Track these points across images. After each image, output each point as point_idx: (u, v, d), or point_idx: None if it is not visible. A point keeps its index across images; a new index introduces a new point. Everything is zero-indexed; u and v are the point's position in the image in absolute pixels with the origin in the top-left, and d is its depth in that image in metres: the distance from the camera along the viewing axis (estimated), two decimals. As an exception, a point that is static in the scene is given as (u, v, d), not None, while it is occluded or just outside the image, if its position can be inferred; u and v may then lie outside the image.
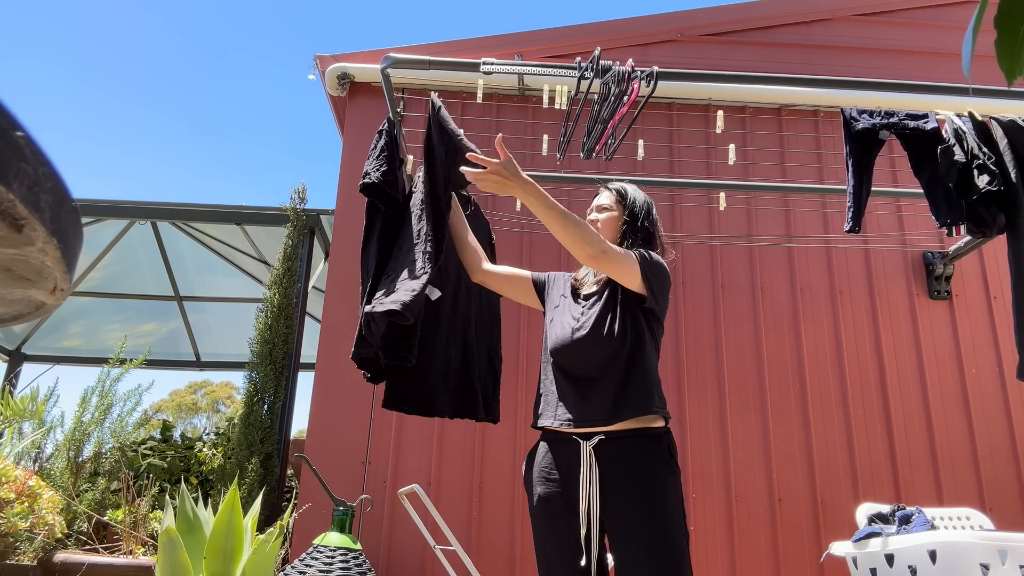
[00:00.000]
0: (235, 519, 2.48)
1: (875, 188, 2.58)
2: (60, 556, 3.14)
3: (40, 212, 0.33)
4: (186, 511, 2.64)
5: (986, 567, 1.93)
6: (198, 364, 7.27)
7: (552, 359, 1.82)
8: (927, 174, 2.43)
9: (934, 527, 2.32)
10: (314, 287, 5.59)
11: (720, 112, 2.99)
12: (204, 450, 4.30)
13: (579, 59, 2.63)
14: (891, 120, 2.47)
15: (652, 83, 2.49)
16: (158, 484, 3.87)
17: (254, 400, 3.88)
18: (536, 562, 1.73)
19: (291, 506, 3.20)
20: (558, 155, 3.08)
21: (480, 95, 2.92)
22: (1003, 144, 2.35)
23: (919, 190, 2.50)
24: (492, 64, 2.61)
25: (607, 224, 1.96)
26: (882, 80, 2.86)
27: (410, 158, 2.61)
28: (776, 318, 3.64)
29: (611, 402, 1.68)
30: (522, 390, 3.45)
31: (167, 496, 2.95)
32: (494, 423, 2.50)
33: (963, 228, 2.43)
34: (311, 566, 2.43)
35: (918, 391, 3.57)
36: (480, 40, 3.94)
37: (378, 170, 2.28)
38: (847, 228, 2.45)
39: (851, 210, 2.45)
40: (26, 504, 3.08)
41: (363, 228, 2.38)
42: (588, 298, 1.87)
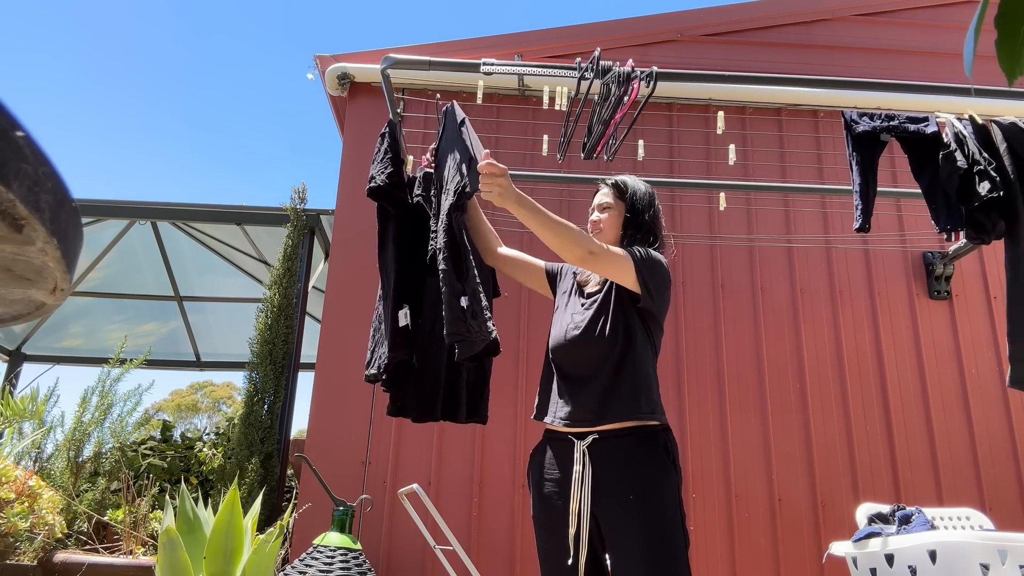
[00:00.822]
0: (235, 519, 2.48)
1: (877, 188, 2.58)
2: (60, 556, 3.14)
3: (40, 212, 0.33)
4: (186, 511, 2.64)
5: (986, 567, 1.93)
6: (198, 364, 7.27)
7: (551, 356, 1.85)
8: (927, 178, 2.43)
9: (934, 527, 2.32)
10: (314, 287, 5.59)
11: (720, 112, 2.99)
12: (204, 450, 4.30)
13: (579, 59, 2.63)
14: (891, 123, 2.47)
15: (652, 83, 2.49)
16: (158, 484, 3.87)
17: (254, 400, 3.88)
18: (538, 561, 1.74)
19: (291, 506, 3.20)
20: (558, 155, 3.08)
21: (480, 95, 2.92)
22: (1003, 148, 2.35)
23: (919, 190, 2.50)
24: (492, 64, 2.61)
25: (609, 223, 1.94)
26: (882, 80, 2.86)
27: (410, 158, 2.61)
28: (776, 318, 3.64)
29: (597, 403, 1.69)
30: (522, 389, 3.45)
31: (167, 496, 2.95)
32: (483, 424, 2.53)
33: (962, 233, 2.43)
34: (311, 566, 2.43)
35: (918, 391, 3.57)
36: (480, 40, 3.94)
37: (383, 173, 2.29)
38: (856, 227, 2.45)
39: (859, 208, 2.45)
40: (26, 504, 3.08)
41: (377, 233, 2.37)
42: (589, 296, 1.88)
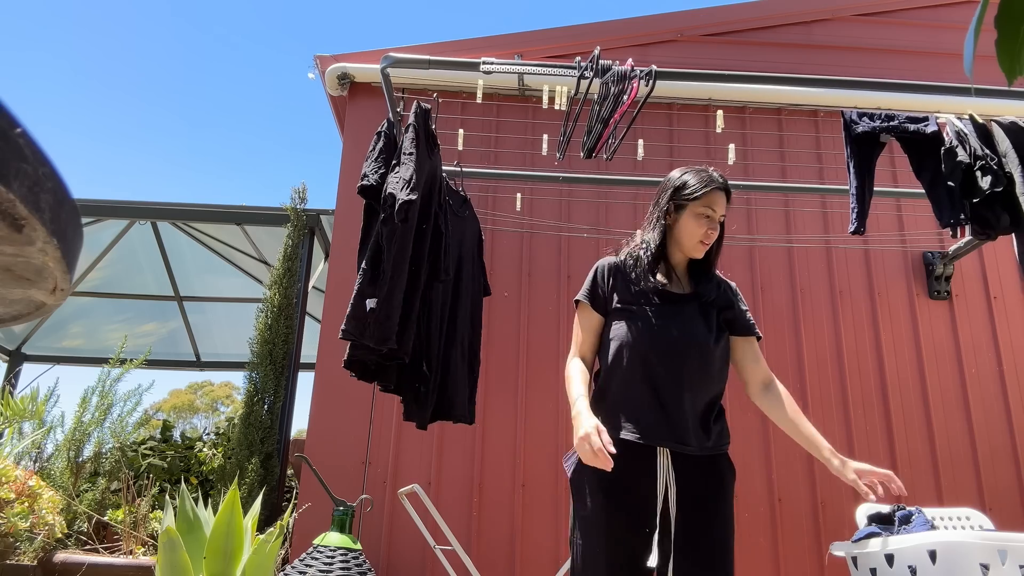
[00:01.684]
0: (235, 519, 2.48)
1: (876, 188, 2.59)
2: (60, 556, 3.14)
3: (40, 212, 0.33)
4: (186, 511, 2.64)
5: (986, 567, 1.93)
6: (198, 364, 7.27)
7: (644, 364, 1.82)
8: (929, 176, 2.43)
9: (934, 527, 2.32)
10: (314, 287, 5.58)
11: (720, 112, 2.99)
12: (204, 450, 4.30)
13: (579, 59, 2.63)
14: (891, 124, 2.48)
15: (651, 83, 2.49)
16: (158, 484, 3.87)
17: (254, 400, 3.88)
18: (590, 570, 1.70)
19: (291, 506, 3.20)
20: (558, 155, 3.08)
21: (480, 95, 2.92)
22: (1004, 146, 2.35)
23: (919, 190, 2.51)
24: (492, 64, 2.61)
25: (713, 238, 1.87)
26: (882, 80, 2.86)
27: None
28: (776, 318, 3.64)
29: (711, 420, 1.83)
30: (521, 390, 3.45)
31: (167, 496, 2.95)
32: (470, 424, 2.57)
33: (967, 229, 2.43)
34: (311, 566, 2.43)
35: (918, 391, 3.56)
36: (480, 40, 3.94)
37: (376, 172, 2.29)
38: (852, 229, 2.45)
39: (855, 211, 2.45)
40: (26, 504, 3.08)
41: (360, 229, 2.38)
42: (685, 301, 1.89)
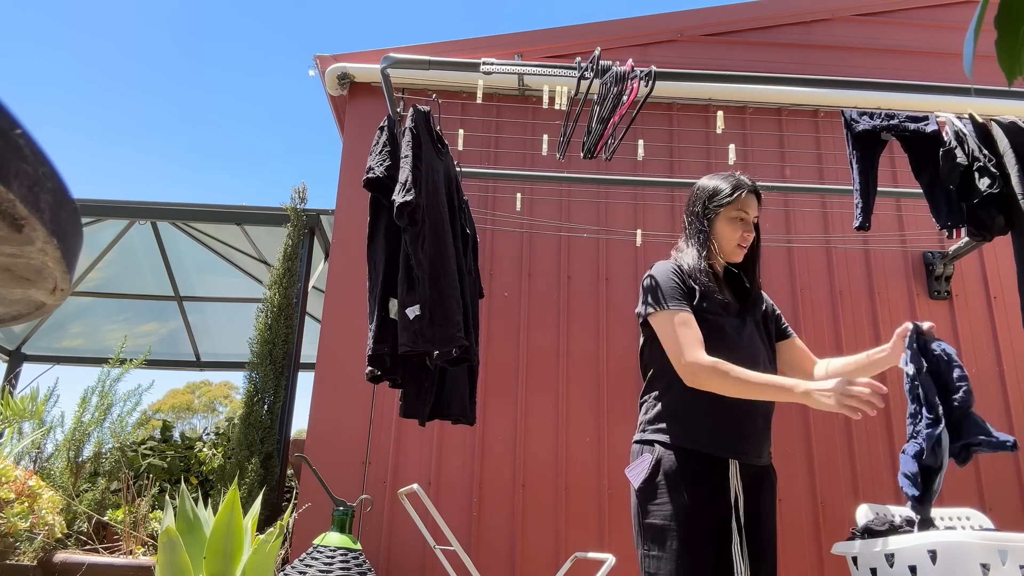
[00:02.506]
0: (235, 519, 2.48)
1: (877, 188, 2.58)
2: (60, 556, 3.14)
3: (40, 212, 0.33)
4: (186, 511, 2.64)
5: (986, 567, 1.93)
6: (198, 364, 7.27)
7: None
8: (928, 176, 2.43)
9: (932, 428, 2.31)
10: (314, 287, 5.58)
11: (720, 112, 2.99)
12: (204, 450, 4.30)
13: (579, 59, 2.63)
14: (891, 122, 2.47)
15: (651, 83, 2.49)
16: (158, 484, 3.87)
17: (254, 400, 3.88)
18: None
19: (291, 506, 3.20)
20: (558, 155, 3.08)
21: (480, 95, 2.92)
22: (1003, 146, 2.35)
23: (919, 190, 2.51)
24: (492, 64, 2.61)
25: (750, 239, 1.88)
26: (882, 80, 2.86)
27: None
28: (776, 318, 3.64)
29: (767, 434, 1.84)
30: (521, 390, 3.45)
31: (167, 496, 2.95)
32: (471, 424, 2.58)
33: (963, 230, 2.43)
34: (311, 566, 2.43)
35: (918, 391, 3.56)
36: (480, 40, 3.94)
37: (382, 164, 2.30)
38: (857, 225, 2.45)
39: (859, 206, 2.45)
40: (26, 504, 3.08)
41: (367, 224, 2.39)
42: (746, 315, 1.91)
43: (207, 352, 7.20)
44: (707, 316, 1.75)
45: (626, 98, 2.54)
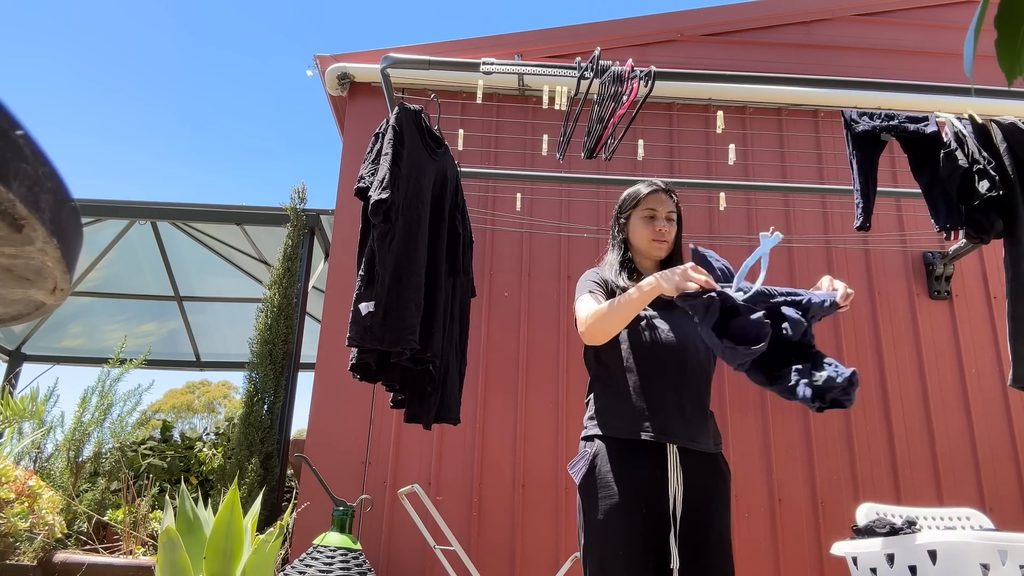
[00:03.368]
0: (235, 519, 2.48)
1: (877, 188, 2.58)
2: (60, 556, 3.14)
3: (40, 212, 0.33)
4: (186, 511, 2.64)
5: (986, 567, 1.93)
6: (198, 364, 7.27)
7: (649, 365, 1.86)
8: (927, 177, 2.43)
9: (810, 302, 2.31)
10: (314, 287, 5.58)
11: (720, 112, 2.99)
12: (204, 450, 4.30)
13: (579, 59, 2.63)
14: (891, 123, 2.47)
15: (650, 83, 2.49)
16: (158, 484, 3.87)
17: (254, 400, 3.88)
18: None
19: (291, 506, 3.20)
20: (558, 155, 3.08)
21: (480, 95, 2.92)
22: (1003, 147, 2.35)
23: (919, 190, 2.51)
24: (492, 64, 2.61)
25: (673, 234, 1.94)
26: (882, 80, 2.86)
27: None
28: (776, 318, 3.64)
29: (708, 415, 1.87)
30: (521, 390, 3.45)
31: (167, 496, 2.95)
32: (455, 424, 2.58)
33: (961, 232, 2.43)
34: (311, 566, 2.43)
35: (918, 391, 3.57)
36: (480, 40, 3.94)
37: (373, 172, 2.29)
38: (857, 225, 2.45)
39: (860, 207, 2.45)
40: (26, 504, 3.08)
41: (359, 230, 2.39)
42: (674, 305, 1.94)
43: (207, 352, 7.20)
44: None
45: (626, 98, 2.54)
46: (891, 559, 2.19)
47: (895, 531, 2.29)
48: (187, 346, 7.07)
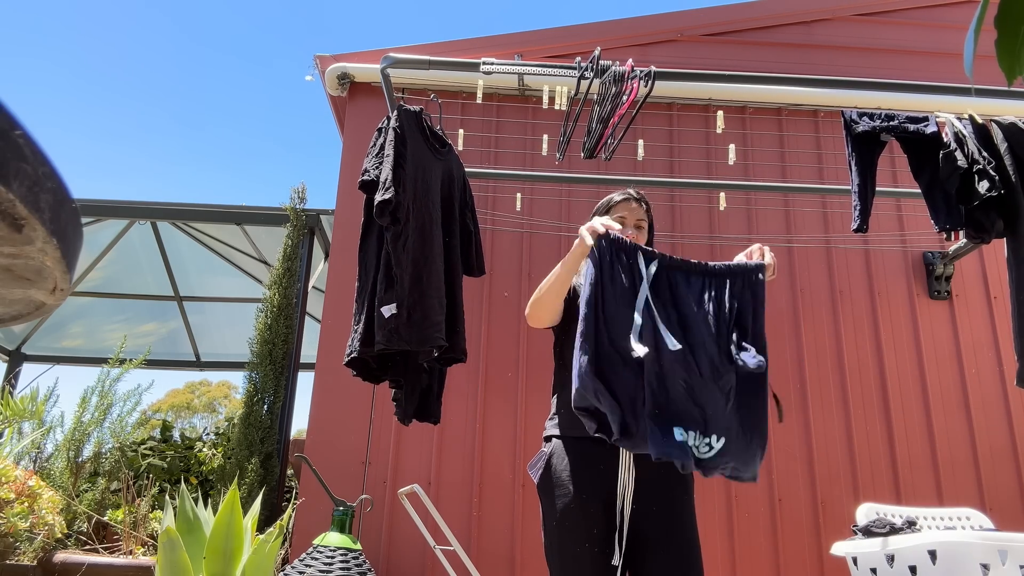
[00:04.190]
0: (235, 519, 2.48)
1: (877, 188, 2.58)
2: (60, 556, 3.14)
3: (40, 212, 0.33)
4: (186, 511, 2.64)
5: (986, 567, 1.93)
6: (198, 364, 7.27)
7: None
8: (927, 178, 2.43)
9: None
10: (314, 287, 5.59)
11: (720, 112, 2.99)
12: (204, 450, 4.30)
13: (579, 59, 2.63)
14: (891, 123, 2.47)
15: (650, 83, 2.49)
16: (158, 484, 3.87)
17: (254, 400, 3.88)
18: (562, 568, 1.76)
19: (291, 506, 3.21)
20: (558, 155, 3.08)
21: (480, 95, 2.92)
22: (1003, 148, 2.34)
23: (919, 190, 2.50)
24: (492, 64, 2.61)
25: (644, 240, 2.01)
26: (882, 80, 2.86)
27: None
28: (776, 318, 3.64)
29: None
30: (521, 390, 3.45)
31: (167, 496, 2.95)
32: (435, 424, 2.57)
33: (961, 233, 2.43)
34: (311, 566, 2.43)
35: (918, 391, 3.57)
36: (480, 40, 3.94)
37: (378, 167, 2.29)
38: (854, 227, 2.45)
39: (857, 209, 2.45)
40: (26, 504, 3.08)
41: (361, 225, 2.39)
42: None
43: (207, 352, 7.20)
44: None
45: (626, 98, 2.54)
46: (891, 559, 2.19)
47: (895, 531, 2.29)
48: (187, 346, 7.07)
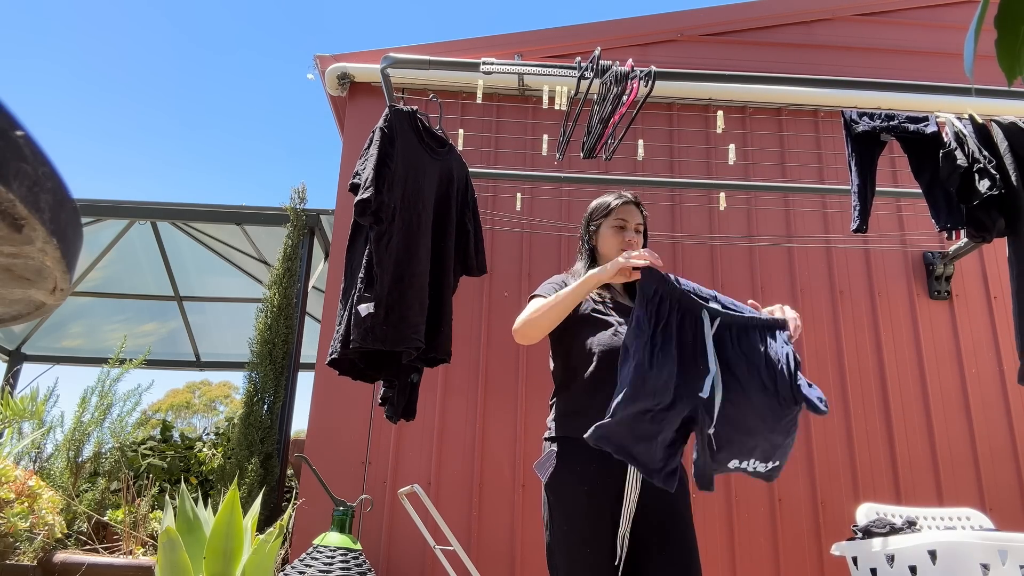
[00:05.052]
0: (235, 519, 2.48)
1: (877, 188, 2.59)
2: (60, 556, 3.14)
3: (40, 212, 0.33)
4: (186, 511, 2.64)
5: (986, 567, 1.93)
6: (198, 364, 7.27)
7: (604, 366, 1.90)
8: (927, 177, 2.43)
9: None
10: (314, 287, 5.59)
11: (720, 112, 2.99)
12: (204, 450, 4.30)
13: (579, 59, 2.63)
14: (891, 123, 2.47)
15: (650, 83, 2.49)
16: (158, 484, 3.87)
17: (254, 400, 3.88)
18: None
19: (291, 506, 3.20)
20: (558, 155, 3.08)
21: (480, 95, 2.92)
22: (1003, 147, 2.34)
23: (919, 190, 2.51)
24: (492, 64, 2.61)
25: (641, 245, 2.01)
26: (882, 80, 2.86)
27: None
28: (776, 318, 3.64)
29: None
30: (521, 391, 3.45)
31: (167, 496, 2.95)
32: (410, 420, 2.55)
33: (962, 232, 2.43)
34: (311, 566, 2.43)
35: (918, 391, 3.57)
36: (480, 40, 3.94)
37: (363, 168, 2.30)
38: (854, 228, 2.45)
39: (857, 209, 2.45)
40: (26, 504, 3.08)
41: (350, 226, 2.39)
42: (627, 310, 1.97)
43: (207, 352, 7.20)
44: (592, 315, 1.89)
45: (626, 98, 2.54)
46: (891, 559, 2.19)
47: (895, 531, 2.29)
48: (187, 346, 7.07)
